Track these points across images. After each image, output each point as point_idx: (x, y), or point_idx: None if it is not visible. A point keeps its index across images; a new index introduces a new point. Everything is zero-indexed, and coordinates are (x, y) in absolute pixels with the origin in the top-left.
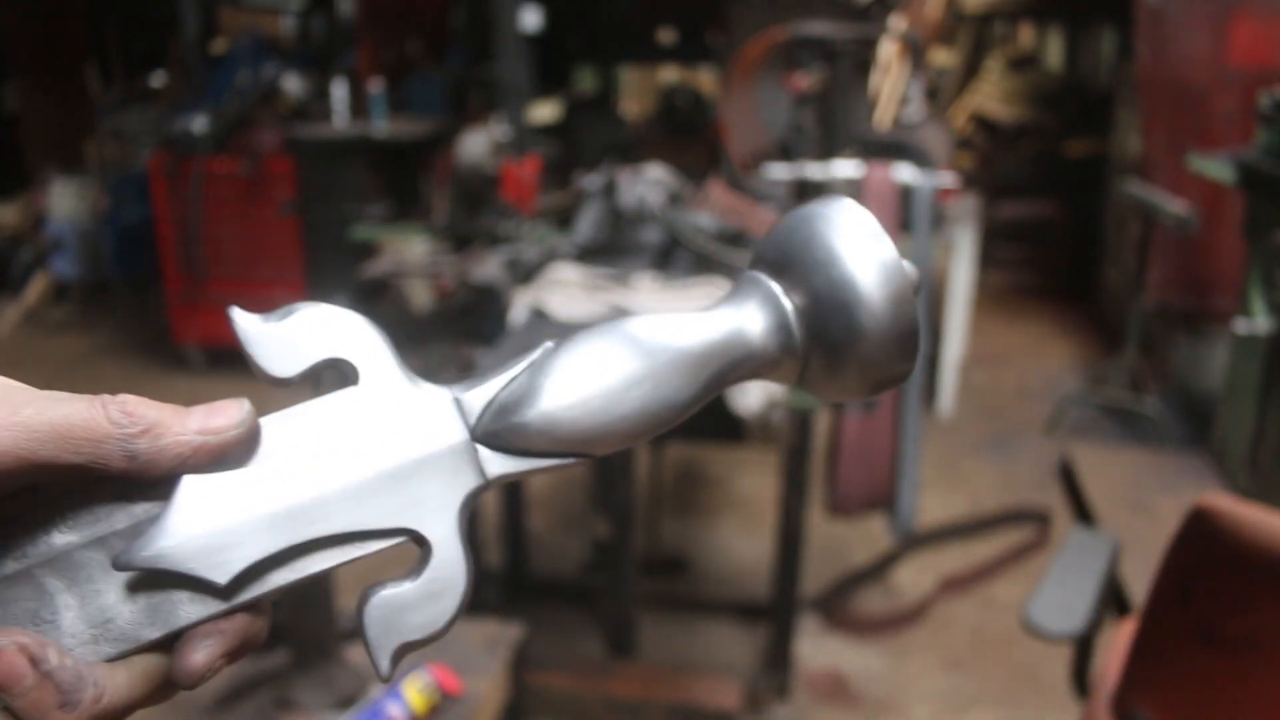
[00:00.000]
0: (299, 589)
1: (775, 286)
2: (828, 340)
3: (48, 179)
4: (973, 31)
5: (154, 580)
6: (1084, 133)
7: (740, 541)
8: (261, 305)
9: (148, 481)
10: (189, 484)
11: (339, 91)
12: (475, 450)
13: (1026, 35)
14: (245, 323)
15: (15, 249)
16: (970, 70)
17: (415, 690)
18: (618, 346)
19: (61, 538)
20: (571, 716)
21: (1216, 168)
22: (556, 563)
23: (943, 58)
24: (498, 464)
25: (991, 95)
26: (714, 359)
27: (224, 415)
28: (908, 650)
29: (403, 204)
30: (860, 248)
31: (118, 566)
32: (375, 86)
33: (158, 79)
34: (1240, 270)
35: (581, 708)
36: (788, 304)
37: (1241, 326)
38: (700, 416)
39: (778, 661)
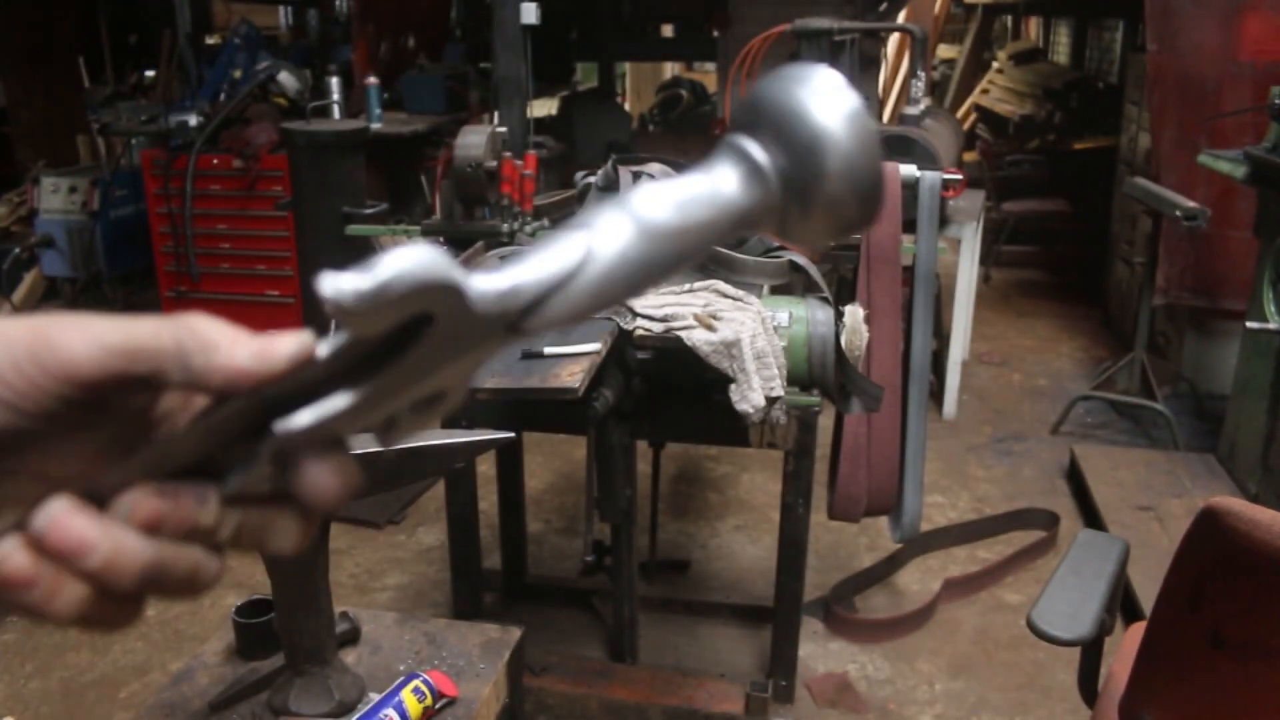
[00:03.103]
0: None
1: (751, 145)
2: (798, 186)
3: (38, 175)
4: (978, 25)
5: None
6: (1092, 128)
7: (742, 543)
8: (256, 304)
9: (207, 394)
10: None
11: (335, 87)
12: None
13: (1033, 29)
14: (332, 293)
15: (5, 246)
16: (976, 65)
17: (411, 695)
18: (622, 236)
19: None
20: None
21: (1227, 163)
22: (556, 565)
23: (948, 52)
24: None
25: (997, 90)
26: (705, 225)
27: (278, 347)
28: (913, 654)
29: (401, 201)
30: (823, 99)
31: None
32: (371, 82)
33: (150, 73)
34: (1251, 268)
35: (581, 712)
36: (763, 158)
37: (1252, 325)
38: (702, 417)
39: (780, 665)
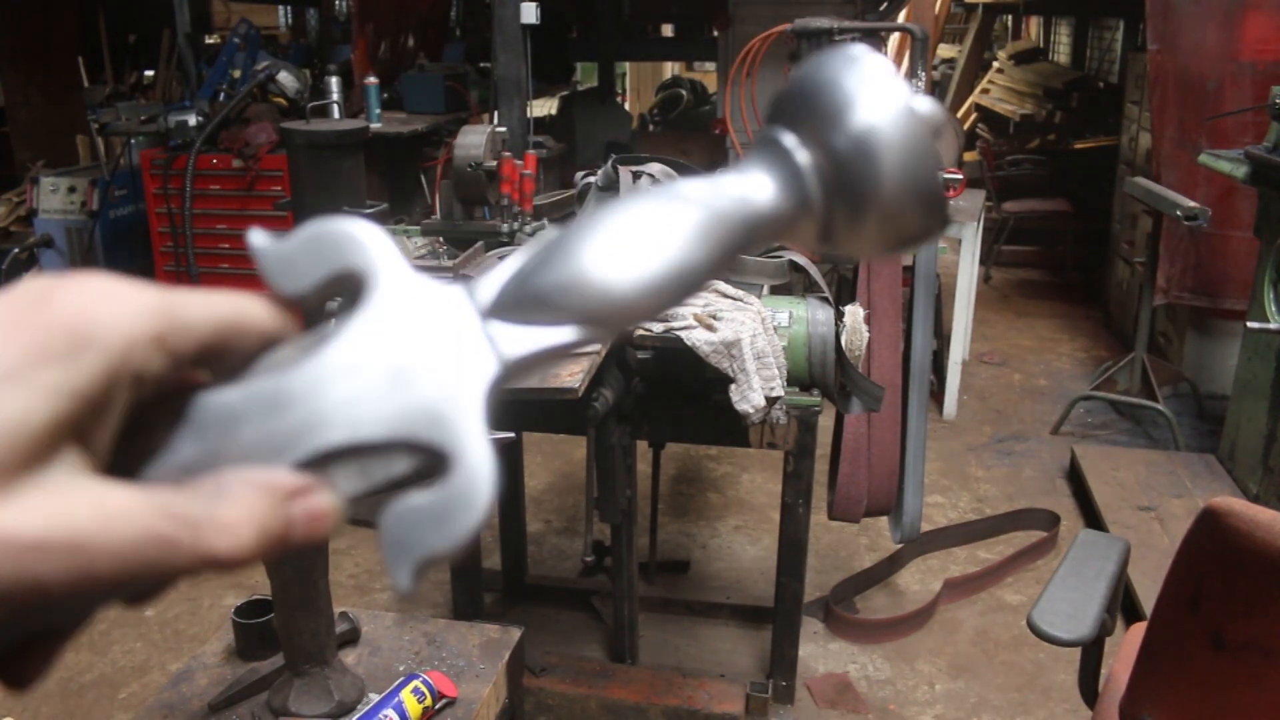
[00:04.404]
0: None
1: (790, 142)
2: (846, 193)
3: (37, 175)
4: (978, 25)
5: None
6: (1092, 128)
7: (742, 543)
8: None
9: None
10: (200, 402)
11: (334, 87)
12: (487, 327)
13: (1033, 29)
14: (259, 243)
15: (4, 247)
16: (976, 64)
17: (411, 695)
18: (644, 215)
19: None
20: None
21: (1228, 163)
22: (556, 565)
23: (948, 51)
24: (515, 339)
25: (997, 90)
26: (730, 231)
27: (228, 536)
28: (913, 654)
29: (400, 201)
30: (874, 92)
31: None
32: (371, 82)
33: (150, 73)
34: (1252, 268)
35: (581, 712)
36: (803, 159)
37: (1253, 325)
38: (702, 417)
39: (781, 665)
